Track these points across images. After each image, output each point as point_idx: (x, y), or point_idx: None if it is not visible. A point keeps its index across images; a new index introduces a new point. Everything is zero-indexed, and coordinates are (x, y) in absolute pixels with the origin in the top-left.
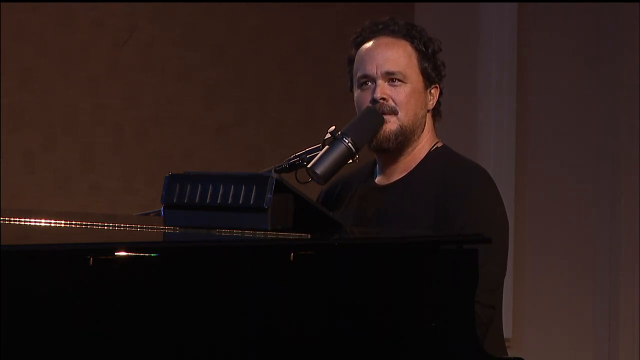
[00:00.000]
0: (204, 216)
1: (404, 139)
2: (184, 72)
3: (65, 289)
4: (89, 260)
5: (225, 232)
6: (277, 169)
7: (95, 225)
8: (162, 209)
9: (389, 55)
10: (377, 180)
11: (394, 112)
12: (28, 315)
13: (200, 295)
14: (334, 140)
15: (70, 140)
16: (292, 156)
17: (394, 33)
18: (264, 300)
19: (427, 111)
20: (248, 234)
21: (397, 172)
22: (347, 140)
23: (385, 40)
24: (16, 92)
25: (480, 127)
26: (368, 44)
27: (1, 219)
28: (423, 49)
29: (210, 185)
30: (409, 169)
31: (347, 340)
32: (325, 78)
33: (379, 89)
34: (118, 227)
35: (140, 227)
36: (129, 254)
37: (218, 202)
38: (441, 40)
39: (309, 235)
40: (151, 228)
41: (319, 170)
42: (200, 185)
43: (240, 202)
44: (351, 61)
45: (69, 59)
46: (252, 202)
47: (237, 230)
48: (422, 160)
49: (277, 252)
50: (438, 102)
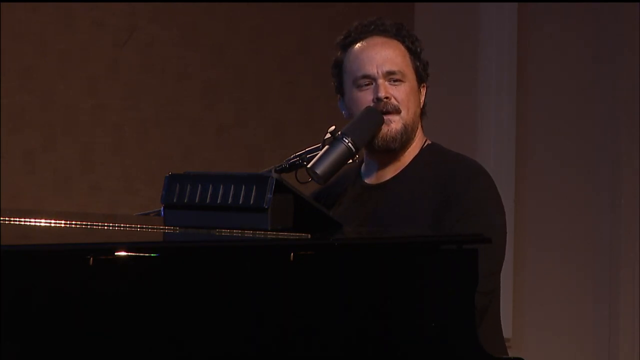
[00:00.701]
0: (204, 216)
1: (407, 138)
2: (184, 72)
3: (65, 289)
4: (89, 260)
5: (225, 232)
6: (277, 169)
7: (95, 225)
8: (162, 209)
9: (387, 55)
10: (368, 180)
11: (397, 111)
12: (28, 315)
13: (200, 295)
14: (334, 140)
15: (70, 140)
16: (292, 156)
17: (385, 33)
18: (264, 300)
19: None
20: (248, 234)
21: (389, 171)
22: (347, 140)
23: (379, 40)
24: (16, 92)
25: (480, 127)
26: (359, 44)
27: (1, 219)
28: (412, 47)
29: (210, 185)
30: (402, 167)
31: (347, 340)
32: (325, 78)
33: (382, 88)
34: (118, 227)
35: (140, 227)
36: (129, 254)
37: (218, 202)
38: (440, 41)
39: (309, 235)
40: (151, 228)
41: (319, 170)
42: (200, 185)
43: (240, 202)
44: (338, 64)
45: (69, 59)
46: (252, 202)
47: (237, 230)
48: (414, 157)
49: (277, 252)
50: (424, 101)
